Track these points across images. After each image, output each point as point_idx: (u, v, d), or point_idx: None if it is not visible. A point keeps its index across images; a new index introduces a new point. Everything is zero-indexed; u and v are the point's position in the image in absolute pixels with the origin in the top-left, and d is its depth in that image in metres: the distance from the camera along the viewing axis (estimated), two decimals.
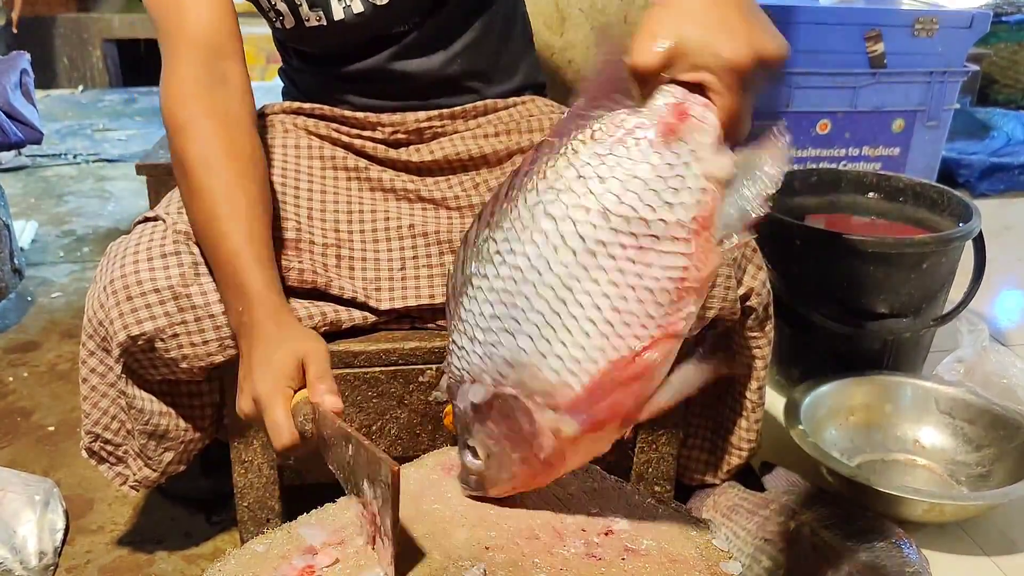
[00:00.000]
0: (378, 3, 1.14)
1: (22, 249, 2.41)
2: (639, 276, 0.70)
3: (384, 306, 1.13)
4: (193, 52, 1.02)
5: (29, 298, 2.22)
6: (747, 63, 0.68)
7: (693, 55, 0.69)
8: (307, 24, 1.16)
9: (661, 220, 0.70)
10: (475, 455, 0.81)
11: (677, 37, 0.69)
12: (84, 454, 1.16)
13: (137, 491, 1.18)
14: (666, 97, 0.71)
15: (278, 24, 1.18)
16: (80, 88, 4.98)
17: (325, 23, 1.15)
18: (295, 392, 0.85)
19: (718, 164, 0.70)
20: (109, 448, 1.16)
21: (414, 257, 1.16)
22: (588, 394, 0.73)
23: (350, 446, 0.78)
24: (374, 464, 0.74)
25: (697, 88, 0.70)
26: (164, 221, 1.07)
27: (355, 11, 1.14)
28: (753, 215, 0.70)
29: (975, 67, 2.75)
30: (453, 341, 0.79)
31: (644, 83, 0.71)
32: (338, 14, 1.14)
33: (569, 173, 0.72)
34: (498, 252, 0.74)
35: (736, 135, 0.72)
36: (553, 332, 0.72)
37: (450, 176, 1.25)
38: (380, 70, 1.21)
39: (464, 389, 0.79)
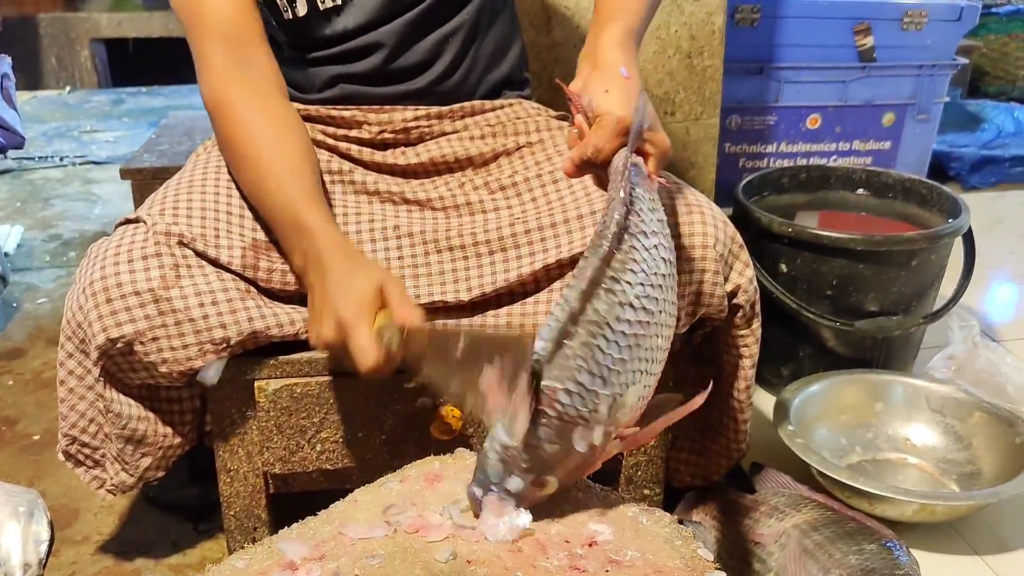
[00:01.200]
0: None
1: (7, 254, 2.40)
2: (673, 303, 0.86)
3: None
4: (218, 43, 1.10)
5: (14, 304, 2.20)
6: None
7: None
8: (322, 7, 1.16)
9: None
10: (543, 486, 0.80)
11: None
12: (61, 456, 1.15)
13: (114, 495, 1.17)
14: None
15: (288, 15, 1.17)
16: (67, 89, 4.95)
17: (341, 2, 1.16)
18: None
19: None
20: (86, 451, 1.15)
21: (399, 257, 1.15)
22: (647, 431, 0.84)
23: (460, 342, 0.79)
24: (500, 342, 0.79)
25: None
26: (145, 223, 1.06)
27: None
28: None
29: (965, 60, 2.74)
30: (581, 384, 0.77)
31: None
32: (327, 2, 1.15)
33: (656, 216, 0.88)
34: (636, 297, 0.80)
35: None
36: (654, 366, 0.83)
37: (435, 178, 1.24)
38: (377, 51, 1.21)
39: (580, 432, 0.79)
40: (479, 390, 0.78)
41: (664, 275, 0.83)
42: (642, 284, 0.80)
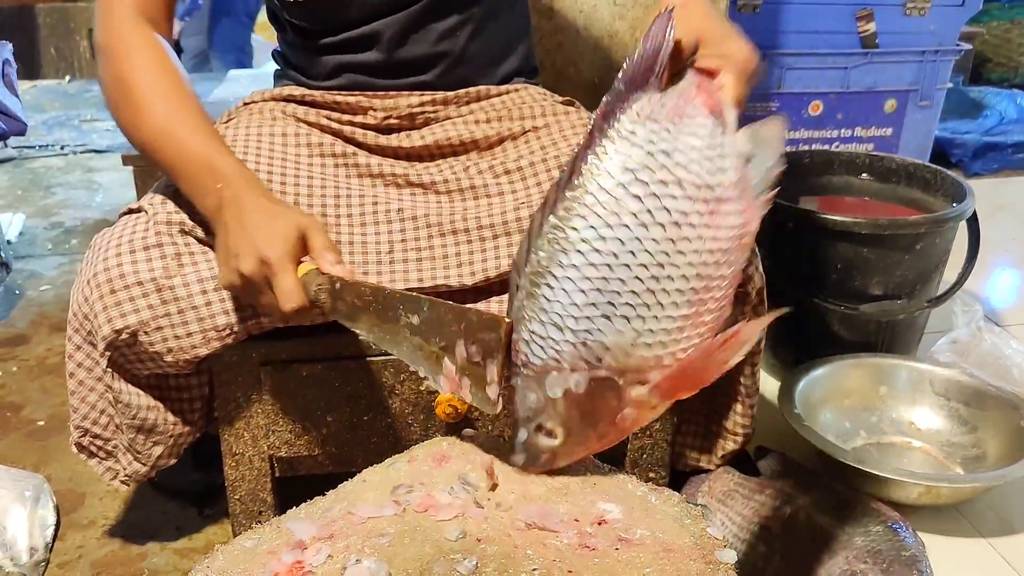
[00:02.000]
0: None
1: (9, 242, 2.40)
2: (715, 239, 0.76)
3: None
4: (125, 6, 1.06)
5: (17, 291, 2.20)
6: (755, 61, 0.83)
7: (716, 45, 0.82)
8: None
9: (720, 184, 0.76)
10: (550, 435, 0.82)
11: (703, 30, 0.82)
12: (74, 449, 1.15)
13: (128, 485, 1.17)
14: (692, 81, 0.81)
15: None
16: (67, 78, 4.94)
17: None
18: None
19: (742, 138, 0.78)
20: (98, 443, 1.15)
21: (403, 240, 1.15)
22: (680, 365, 0.77)
23: (423, 306, 0.82)
24: (470, 320, 0.80)
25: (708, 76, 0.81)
26: (147, 212, 1.06)
27: None
28: (773, 175, 0.77)
29: (968, 46, 2.73)
30: (533, 332, 0.79)
31: (674, 64, 0.80)
32: None
33: (636, 152, 0.77)
34: (584, 240, 0.77)
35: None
36: (647, 310, 0.76)
37: (440, 161, 1.24)
38: (384, 40, 1.20)
39: (552, 379, 0.79)
40: (439, 358, 0.82)
41: (636, 213, 0.75)
42: (594, 227, 0.76)
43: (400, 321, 0.84)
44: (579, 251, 0.77)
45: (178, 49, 4.51)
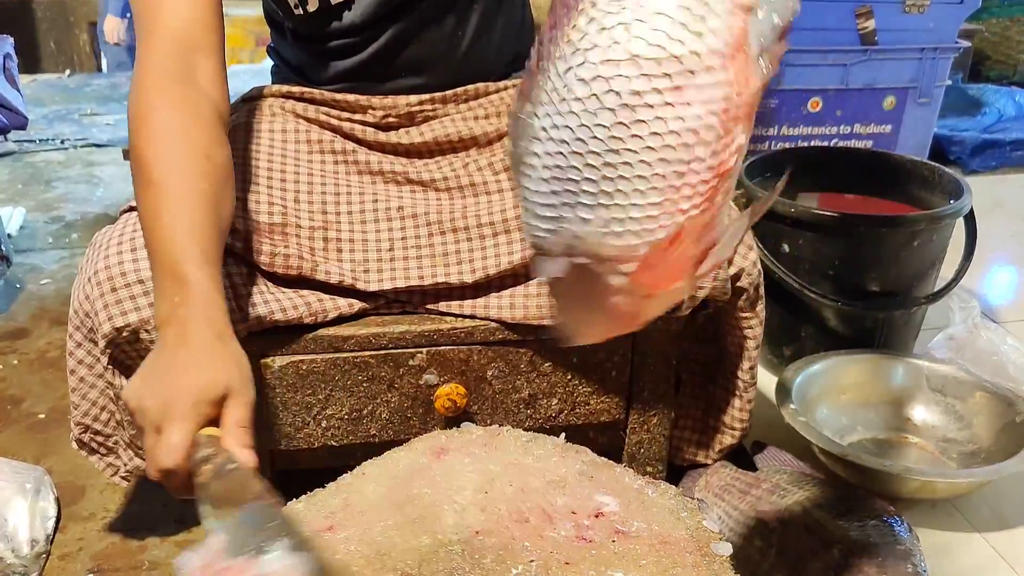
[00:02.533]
0: None
1: (10, 236, 2.40)
2: (681, 119, 0.66)
3: (372, 287, 1.12)
4: (165, 45, 0.98)
5: (18, 285, 2.21)
6: None
7: None
8: (333, 2, 1.14)
9: (694, 53, 0.66)
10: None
11: None
12: (74, 445, 1.15)
13: (128, 481, 1.18)
14: None
15: (299, 11, 1.15)
16: (67, 72, 4.95)
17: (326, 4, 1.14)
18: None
19: None
20: (99, 439, 1.15)
21: (403, 238, 1.15)
22: (655, 253, 0.70)
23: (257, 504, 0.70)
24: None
25: None
26: None
27: None
28: (783, 25, 0.67)
29: (967, 43, 2.74)
30: (520, 219, 0.77)
31: None
32: None
33: (592, 28, 0.68)
34: (543, 128, 0.71)
35: None
36: (609, 198, 0.69)
37: (439, 158, 1.24)
38: (385, 46, 1.20)
39: (540, 263, 0.76)
40: None
41: (582, 99, 0.69)
42: (548, 115, 0.71)
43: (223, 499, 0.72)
44: (538, 139, 0.71)
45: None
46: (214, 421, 0.76)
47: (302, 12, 1.16)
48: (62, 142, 3.46)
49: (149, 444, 0.75)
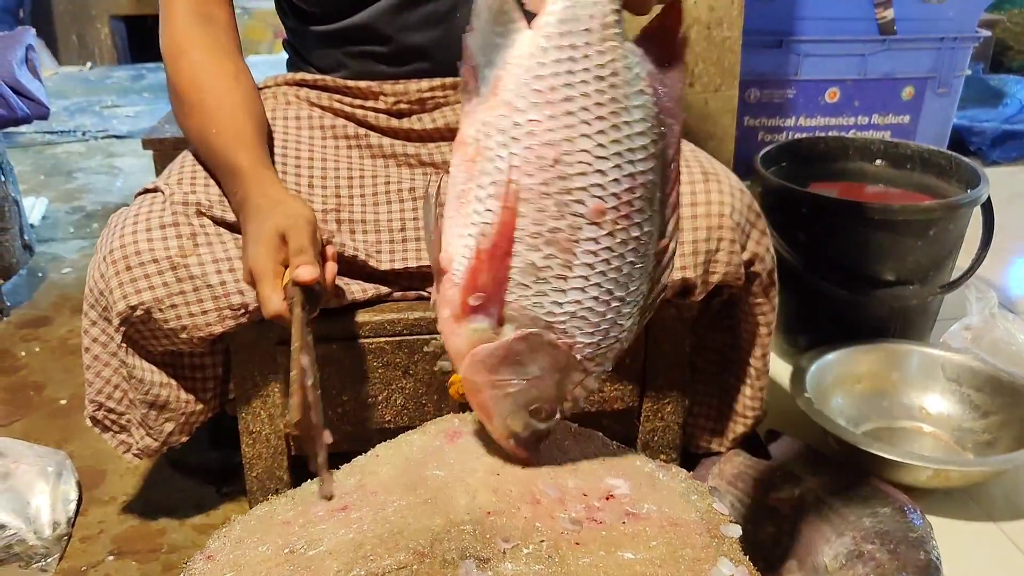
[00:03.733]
0: None
1: (32, 226, 2.43)
2: None
3: (384, 266, 1.13)
4: (181, 12, 1.13)
5: (40, 274, 2.24)
6: None
7: None
8: None
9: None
10: None
11: None
12: (88, 422, 1.17)
13: (140, 459, 1.20)
14: None
15: None
16: (88, 65, 4.98)
17: None
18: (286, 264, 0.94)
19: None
20: (112, 417, 1.17)
21: (415, 219, 1.17)
22: None
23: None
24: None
25: None
26: (164, 192, 1.08)
27: None
28: None
29: (987, 33, 2.72)
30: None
31: None
32: None
33: None
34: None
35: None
36: None
37: (451, 141, 1.24)
38: (389, 31, 1.20)
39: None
40: None
41: None
42: None
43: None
44: None
45: None
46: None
47: None
48: (83, 134, 3.50)
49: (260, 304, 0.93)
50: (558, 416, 0.82)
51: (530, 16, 0.71)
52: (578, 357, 0.78)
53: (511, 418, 0.81)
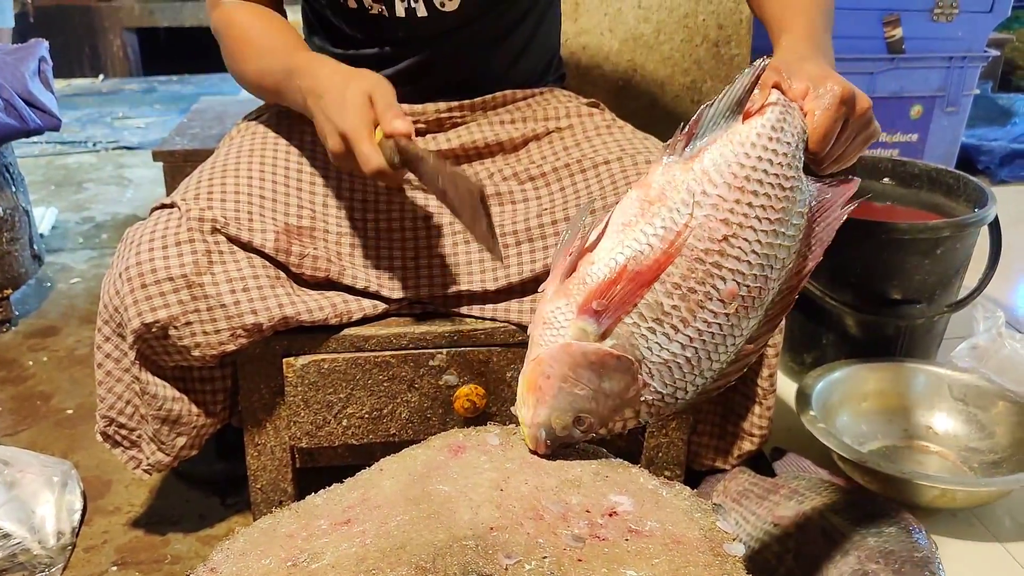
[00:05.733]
0: (444, 8, 1.16)
1: (42, 235, 2.44)
2: None
3: (396, 295, 1.14)
4: None
5: (48, 284, 2.25)
6: (852, 95, 0.85)
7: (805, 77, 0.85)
8: (370, 12, 1.19)
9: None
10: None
11: (790, 64, 0.88)
12: (99, 438, 1.17)
13: (150, 475, 1.20)
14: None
15: (341, 1, 1.20)
16: (100, 77, 5.02)
17: (387, 15, 1.18)
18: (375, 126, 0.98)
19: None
20: (123, 432, 1.17)
21: (428, 247, 1.17)
22: None
23: (432, 164, 0.95)
24: (461, 180, 0.94)
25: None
26: (180, 208, 1.09)
27: (418, 14, 1.17)
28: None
29: (996, 52, 2.72)
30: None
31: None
32: (399, 12, 1.17)
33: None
34: None
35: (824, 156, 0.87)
36: None
37: (465, 166, 1.25)
38: (419, 65, 1.22)
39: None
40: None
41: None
42: None
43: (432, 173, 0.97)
44: None
45: None
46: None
47: (343, 5, 1.19)
48: (94, 145, 3.52)
49: (359, 169, 0.97)
50: (592, 435, 0.85)
51: (746, 114, 0.83)
52: (642, 398, 0.83)
53: (558, 413, 0.84)
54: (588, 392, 0.82)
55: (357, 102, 0.97)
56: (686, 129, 0.82)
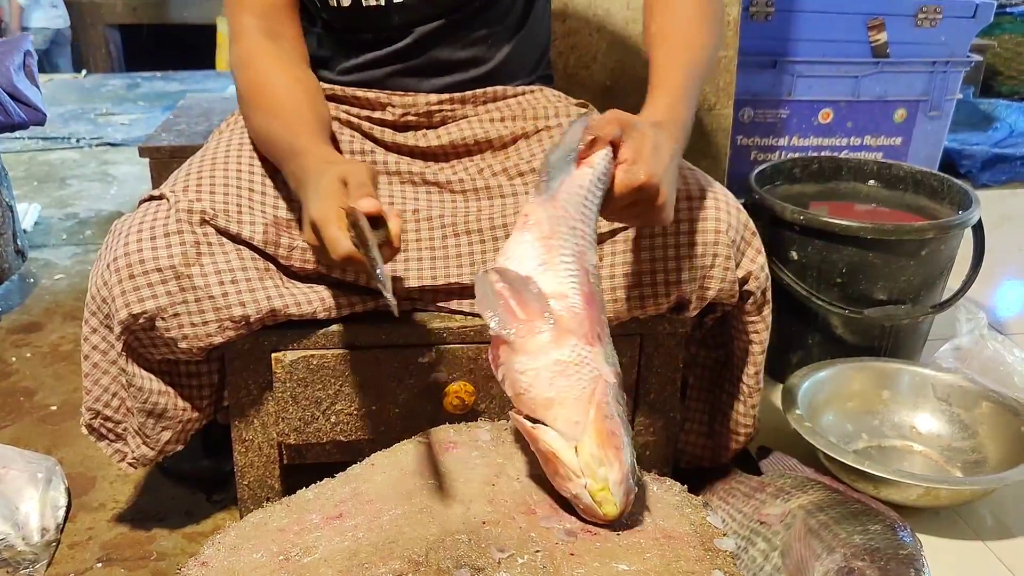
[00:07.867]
0: None
1: (25, 231, 2.43)
2: None
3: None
4: (252, 17, 1.17)
5: (32, 280, 2.23)
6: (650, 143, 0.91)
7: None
8: (365, 4, 1.18)
9: None
10: None
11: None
12: (84, 430, 1.17)
13: (135, 468, 1.19)
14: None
15: (333, 2, 1.19)
16: (83, 73, 4.98)
17: (384, 3, 1.18)
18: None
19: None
20: (109, 425, 1.17)
21: (417, 240, 1.17)
22: None
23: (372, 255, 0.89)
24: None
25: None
26: (168, 200, 1.08)
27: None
28: None
29: (978, 57, 2.74)
30: None
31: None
32: None
33: None
34: None
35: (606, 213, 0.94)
36: None
37: (455, 161, 1.25)
38: (412, 52, 1.23)
39: None
40: None
41: None
42: None
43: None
44: None
45: None
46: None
47: (336, 6, 1.19)
48: (77, 141, 3.50)
49: (328, 260, 0.94)
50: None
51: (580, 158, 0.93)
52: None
53: (631, 447, 0.85)
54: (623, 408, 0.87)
55: (331, 188, 0.93)
56: (542, 171, 0.93)
